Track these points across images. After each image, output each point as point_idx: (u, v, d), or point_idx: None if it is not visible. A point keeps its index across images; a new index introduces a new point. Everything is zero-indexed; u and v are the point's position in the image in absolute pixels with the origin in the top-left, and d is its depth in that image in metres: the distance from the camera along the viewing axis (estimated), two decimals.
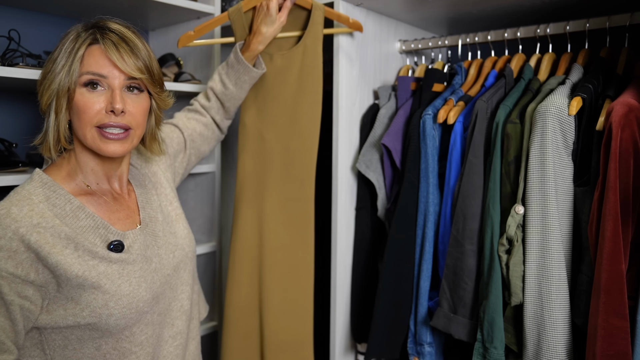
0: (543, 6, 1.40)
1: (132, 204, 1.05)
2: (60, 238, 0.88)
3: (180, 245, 1.08)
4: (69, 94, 0.91)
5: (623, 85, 1.16)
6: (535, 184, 1.11)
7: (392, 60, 1.65)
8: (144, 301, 0.95)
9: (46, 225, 0.87)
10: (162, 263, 1.01)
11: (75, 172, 0.97)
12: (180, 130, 1.27)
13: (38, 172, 0.94)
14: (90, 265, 0.90)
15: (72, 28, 0.95)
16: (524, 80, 1.31)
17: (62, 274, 0.87)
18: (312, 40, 1.36)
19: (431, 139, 1.33)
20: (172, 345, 1.04)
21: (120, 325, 0.92)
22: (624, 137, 0.99)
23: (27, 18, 1.59)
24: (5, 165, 1.31)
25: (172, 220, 1.10)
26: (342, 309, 1.50)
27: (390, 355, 1.38)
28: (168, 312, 1.03)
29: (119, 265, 0.93)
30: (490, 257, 1.17)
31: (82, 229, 0.91)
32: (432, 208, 1.33)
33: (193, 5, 1.59)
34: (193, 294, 1.13)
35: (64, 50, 0.91)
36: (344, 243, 1.49)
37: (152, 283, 0.97)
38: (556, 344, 1.08)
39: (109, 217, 0.98)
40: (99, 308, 0.89)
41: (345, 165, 1.48)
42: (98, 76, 0.91)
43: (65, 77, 0.90)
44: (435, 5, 1.44)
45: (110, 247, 0.93)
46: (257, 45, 1.31)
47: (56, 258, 0.86)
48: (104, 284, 0.90)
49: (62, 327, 0.89)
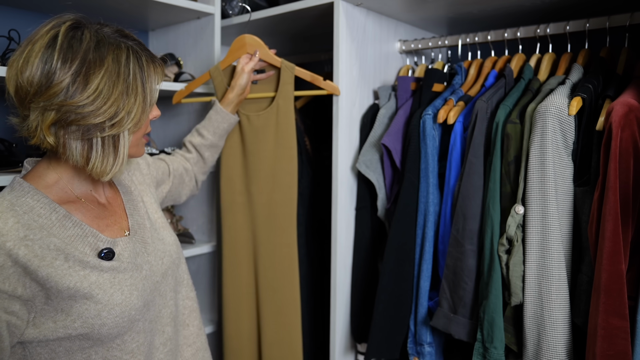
0: (543, 6, 1.40)
1: (119, 210, 1.03)
2: (50, 249, 0.85)
3: (169, 251, 1.07)
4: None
5: (623, 85, 1.16)
6: (535, 184, 1.11)
7: (392, 60, 1.65)
8: (136, 309, 0.93)
9: (34, 237, 0.84)
10: (152, 270, 1.00)
11: (62, 179, 0.93)
12: (167, 162, 1.32)
13: (19, 180, 0.90)
14: (82, 275, 0.87)
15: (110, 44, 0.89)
16: (524, 80, 1.31)
17: (53, 287, 0.84)
18: (283, 100, 1.48)
19: (431, 139, 1.33)
20: (163, 352, 1.02)
21: (113, 334, 0.90)
22: (624, 137, 0.99)
23: (27, 18, 1.59)
24: (5, 165, 1.32)
25: (159, 227, 1.09)
26: (342, 309, 1.50)
27: (390, 355, 1.38)
28: (158, 319, 1.02)
29: (110, 274, 0.91)
30: (490, 257, 1.17)
31: (71, 238, 0.89)
32: (432, 208, 1.33)
33: (193, 5, 1.59)
34: (187, 300, 1.12)
35: (135, 76, 0.89)
36: (344, 243, 1.49)
37: (143, 291, 0.96)
38: (556, 344, 1.08)
39: (97, 224, 0.95)
40: (91, 318, 0.87)
41: (345, 165, 1.48)
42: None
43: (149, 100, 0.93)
44: (435, 5, 1.44)
45: (100, 256, 0.91)
46: (228, 93, 1.44)
47: (46, 271, 0.83)
48: (96, 294, 0.87)
49: (51, 340, 0.86)
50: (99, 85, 0.85)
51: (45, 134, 0.86)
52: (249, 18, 1.66)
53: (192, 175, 1.41)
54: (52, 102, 0.84)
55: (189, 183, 1.41)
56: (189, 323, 1.12)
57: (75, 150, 0.88)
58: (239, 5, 1.72)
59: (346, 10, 1.43)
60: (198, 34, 1.70)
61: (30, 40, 0.87)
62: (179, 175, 1.35)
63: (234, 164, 1.55)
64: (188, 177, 1.39)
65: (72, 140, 0.87)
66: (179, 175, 1.35)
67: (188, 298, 1.13)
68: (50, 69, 0.83)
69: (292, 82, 1.47)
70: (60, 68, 0.83)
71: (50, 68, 0.83)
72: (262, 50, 1.47)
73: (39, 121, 0.86)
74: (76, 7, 1.50)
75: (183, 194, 1.40)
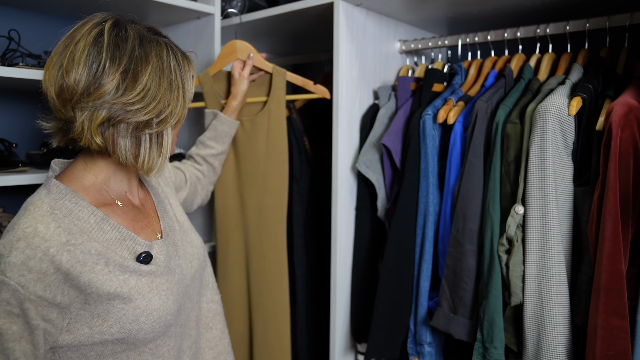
0: (543, 6, 1.40)
1: (152, 212, 1.02)
2: (91, 254, 0.84)
3: (197, 254, 1.06)
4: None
5: (623, 85, 1.16)
6: (535, 184, 1.11)
7: (392, 60, 1.65)
8: (171, 314, 0.92)
9: (75, 242, 0.82)
10: (183, 274, 0.99)
11: (98, 181, 0.92)
12: (183, 171, 1.34)
13: (55, 182, 0.88)
14: (122, 280, 0.86)
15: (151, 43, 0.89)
16: (524, 80, 1.31)
17: (94, 292, 0.83)
18: (275, 105, 1.49)
19: (431, 139, 1.33)
20: (189, 356, 1.02)
21: (148, 339, 0.89)
22: (624, 137, 0.99)
23: (27, 18, 1.59)
24: (5, 165, 1.31)
25: (187, 229, 1.09)
26: (342, 309, 1.50)
27: (390, 355, 1.38)
28: (187, 322, 1.01)
29: (148, 279, 0.89)
30: (490, 257, 1.17)
31: (110, 242, 0.87)
32: (432, 208, 1.33)
33: (193, 5, 1.59)
34: (212, 303, 1.12)
35: (175, 72, 0.90)
36: (344, 243, 1.49)
37: (177, 295, 0.94)
38: (556, 343, 1.08)
39: (133, 226, 0.94)
40: (129, 324, 0.85)
41: (345, 165, 1.48)
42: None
43: (188, 95, 0.93)
44: (435, 5, 1.44)
45: (139, 259, 0.90)
46: (231, 102, 1.45)
47: (88, 277, 0.82)
48: (135, 299, 0.86)
49: (85, 345, 0.84)
50: (147, 83, 0.85)
51: (94, 134, 0.85)
52: (240, 20, 1.67)
53: (203, 184, 1.43)
54: (102, 101, 0.82)
55: (201, 192, 1.42)
56: (213, 326, 1.12)
57: (125, 148, 0.87)
58: (239, 5, 1.72)
59: (346, 10, 1.43)
60: (198, 34, 1.70)
61: (73, 40, 0.85)
62: (193, 183, 1.37)
63: (227, 168, 1.55)
64: (200, 186, 1.41)
65: (121, 138, 0.86)
66: (193, 184, 1.37)
67: (213, 301, 1.12)
68: (98, 68, 0.82)
69: (284, 88, 1.49)
70: (109, 66, 0.83)
71: (99, 67, 0.82)
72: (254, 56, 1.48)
73: (88, 122, 0.84)
74: (76, 7, 1.50)
75: (195, 203, 1.42)
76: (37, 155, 1.45)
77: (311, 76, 1.66)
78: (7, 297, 0.78)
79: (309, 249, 1.60)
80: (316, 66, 2.17)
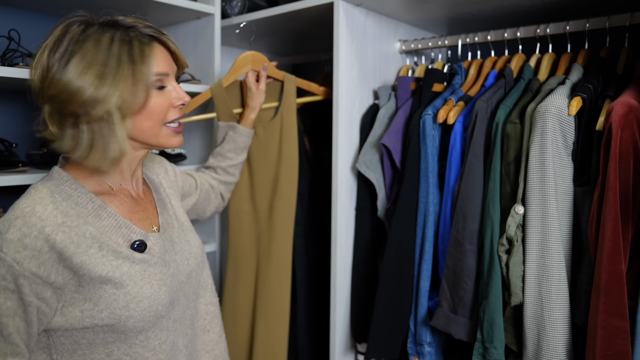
0: (543, 6, 1.40)
1: (150, 206, 1.05)
2: (85, 237, 0.87)
3: (194, 253, 1.08)
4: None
5: (623, 85, 1.16)
6: (535, 184, 1.11)
7: (392, 60, 1.65)
8: (163, 305, 0.93)
9: (71, 224, 0.86)
10: (178, 269, 1.01)
11: (99, 172, 0.94)
12: (194, 177, 1.35)
13: (57, 170, 0.92)
14: (114, 265, 0.88)
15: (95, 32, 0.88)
16: (524, 80, 1.31)
17: (86, 274, 0.85)
18: (287, 111, 1.52)
19: (431, 139, 1.33)
20: (185, 355, 1.03)
21: (138, 328, 0.90)
22: (624, 137, 0.99)
23: (27, 18, 1.59)
24: (5, 165, 1.31)
25: (186, 229, 1.10)
26: (342, 309, 1.50)
27: (390, 355, 1.38)
28: (182, 319, 1.02)
29: (141, 267, 0.92)
30: (490, 257, 1.17)
31: (105, 228, 0.90)
32: (432, 208, 1.33)
33: (193, 5, 1.59)
34: (210, 305, 1.12)
35: (117, 57, 0.86)
36: (344, 243, 1.49)
37: (170, 287, 0.96)
38: (556, 344, 1.08)
39: (130, 216, 0.97)
40: (119, 309, 0.88)
41: (345, 165, 1.48)
42: (163, 75, 0.94)
43: (141, 83, 0.90)
44: (435, 5, 1.44)
45: (133, 247, 0.92)
46: (249, 114, 1.48)
47: (81, 258, 0.85)
48: (126, 284, 0.89)
49: (76, 329, 0.87)
50: (77, 66, 0.85)
51: (49, 125, 0.89)
52: (241, 24, 1.67)
53: (217, 192, 1.44)
54: (45, 93, 0.87)
55: (215, 200, 1.43)
56: (210, 329, 1.12)
57: (67, 138, 0.89)
58: (239, 5, 1.72)
59: (346, 10, 1.43)
60: (198, 34, 1.70)
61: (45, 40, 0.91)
62: (205, 190, 1.38)
63: (241, 174, 1.56)
64: (214, 194, 1.43)
65: (67, 129, 0.89)
66: (205, 191, 1.38)
67: (211, 304, 1.13)
68: (47, 63, 0.87)
69: (295, 94, 1.53)
70: (50, 57, 0.87)
71: (48, 61, 0.87)
72: (269, 67, 1.51)
73: (44, 114, 0.89)
74: (76, 7, 1.50)
75: (208, 210, 1.43)
76: (37, 155, 1.45)
77: (311, 76, 1.66)
78: (3, 273, 0.81)
79: (309, 249, 1.60)
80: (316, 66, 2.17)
